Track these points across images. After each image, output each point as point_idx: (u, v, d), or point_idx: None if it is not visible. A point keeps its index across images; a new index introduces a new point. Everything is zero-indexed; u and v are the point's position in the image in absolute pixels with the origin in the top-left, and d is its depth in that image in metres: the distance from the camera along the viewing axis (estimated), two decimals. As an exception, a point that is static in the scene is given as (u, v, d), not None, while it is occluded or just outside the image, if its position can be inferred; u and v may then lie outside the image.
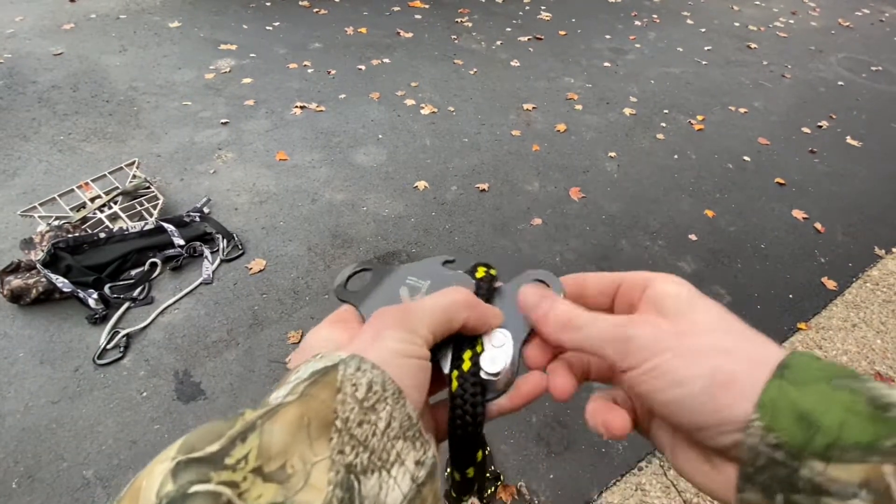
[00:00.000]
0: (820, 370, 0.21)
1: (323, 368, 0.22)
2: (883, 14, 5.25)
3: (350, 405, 0.20)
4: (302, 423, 0.19)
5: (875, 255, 2.35)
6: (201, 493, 0.16)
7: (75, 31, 3.44)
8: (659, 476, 1.48)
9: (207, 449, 0.18)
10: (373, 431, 0.20)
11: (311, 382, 0.21)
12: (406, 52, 3.58)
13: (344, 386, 0.21)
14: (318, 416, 0.19)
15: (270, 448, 0.18)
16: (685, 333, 0.24)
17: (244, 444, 0.18)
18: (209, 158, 2.50)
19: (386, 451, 0.20)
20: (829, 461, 0.18)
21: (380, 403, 0.21)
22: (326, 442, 0.19)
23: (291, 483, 0.17)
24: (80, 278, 1.81)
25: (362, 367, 0.22)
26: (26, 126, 2.58)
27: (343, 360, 0.22)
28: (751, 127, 3.16)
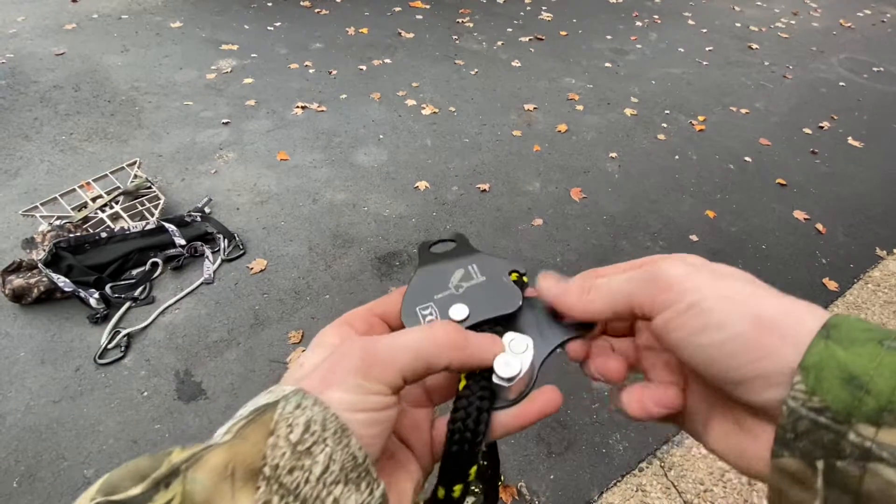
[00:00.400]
0: (868, 331, 0.19)
1: (263, 406, 0.20)
2: (884, 15, 5.24)
3: (281, 449, 0.19)
4: (226, 472, 0.18)
5: (876, 256, 2.35)
6: None
7: (77, 31, 3.45)
8: (659, 477, 1.48)
9: (130, 491, 0.17)
10: (305, 478, 0.18)
11: (248, 422, 0.20)
12: (407, 52, 3.59)
13: (278, 427, 0.19)
14: (244, 462, 0.18)
15: (193, 497, 0.17)
16: (720, 274, 0.22)
17: (167, 491, 0.17)
18: (210, 158, 2.50)
19: (320, 499, 0.18)
20: (880, 426, 0.17)
21: (317, 446, 0.19)
22: (252, 491, 0.17)
23: None
24: (82, 278, 1.81)
25: (303, 405, 0.20)
26: (28, 126, 2.59)
27: (286, 395, 0.20)
28: (752, 127, 3.16)
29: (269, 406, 0.20)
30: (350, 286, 1.95)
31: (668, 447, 1.55)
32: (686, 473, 1.49)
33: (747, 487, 1.46)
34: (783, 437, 0.19)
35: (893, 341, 0.18)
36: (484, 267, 0.30)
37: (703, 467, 1.50)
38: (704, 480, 1.47)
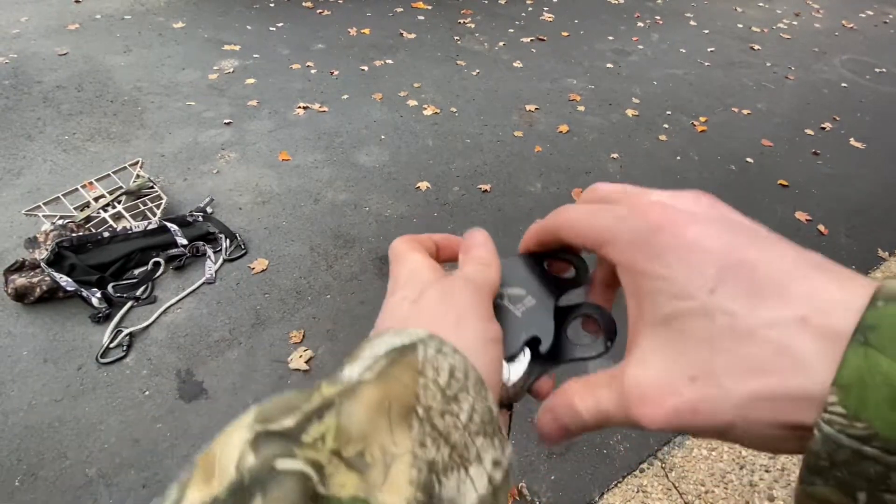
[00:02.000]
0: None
1: (400, 347, 0.19)
2: (887, 16, 5.23)
3: (432, 392, 0.18)
4: (382, 407, 0.17)
5: (878, 258, 2.34)
6: (289, 472, 0.14)
7: (80, 31, 3.46)
8: (660, 478, 1.48)
9: (283, 422, 0.16)
10: (454, 424, 0.18)
11: (390, 361, 0.19)
12: (409, 52, 3.59)
13: (425, 369, 0.19)
14: (399, 400, 0.17)
15: (349, 431, 0.16)
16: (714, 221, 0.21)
17: (321, 423, 0.16)
18: (212, 158, 2.51)
19: (466, 446, 0.18)
20: None
21: (462, 393, 0.19)
22: (407, 431, 0.17)
23: (371, 476, 0.16)
24: (84, 277, 1.82)
25: (443, 350, 0.20)
26: (31, 126, 2.60)
27: (421, 339, 0.20)
28: (754, 128, 3.15)
29: (409, 347, 0.19)
30: (351, 286, 1.95)
31: (669, 448, 1.55)
32: (687, 474, 1.49)
33: (748, 489, 1.46)
34: (816, 464, 0.16)
35: None
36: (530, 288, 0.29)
37: (704, 468, 1.50)
38: (705, 481, 1.47)
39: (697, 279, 0.19)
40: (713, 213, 0.21)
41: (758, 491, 1.45)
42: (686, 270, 0.19)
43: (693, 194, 0.23)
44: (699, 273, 0.19)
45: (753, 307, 0.18)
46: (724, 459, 1.52)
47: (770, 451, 0.19)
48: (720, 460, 1.52)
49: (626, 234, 0.21)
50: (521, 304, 0.28)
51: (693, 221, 0.20)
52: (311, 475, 0.15)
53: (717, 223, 0.20)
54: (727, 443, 0.75)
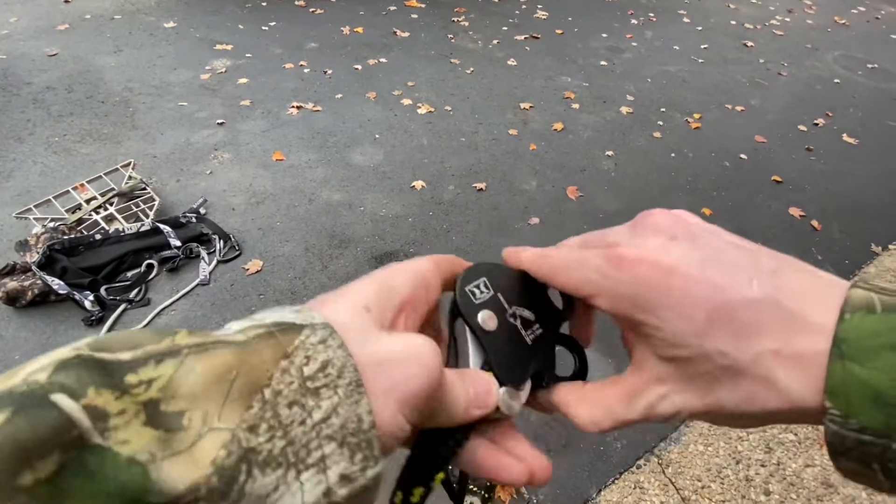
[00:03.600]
0: (877, 335, 0.19)
1: (289, 324, 0.18)
2: (879, 12, 5.27)
3: (290, 377, 0.17)
4: (226, 376, 0.16)
5: (871, 252, 2.36)
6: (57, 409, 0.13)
7: (70, 31, 3.42)
8: (657, 474, 1.49)
9: (118, 355, 0.15)
10: (302, 419, 0.16)
11: (266, 333, 0.18)
12: (403, 51, 3.58)
13: (295, 353, 0.17)
14: (248, 374, 0.16)
15: (180, 386, 0.15)
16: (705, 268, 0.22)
17: (156, 367, 0.15)
18: (205, 159, 2.49)
19: (308, 448, 0.16)
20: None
21: (326, 389, 0.17)
22: (242, 409, 0.15)
23: (174, 441, 0.14)
24: (76, 280, 1.80)
25: (328, 342, 0.18)
26: (21, 127, 2.57)
27: (313, 324, 0.18)
28: (747, 125, 3.16)
29: (294, 327, 0.18)
30: (347, 286, 1.95)
31: (666, 444, 1.56)
32: (683, 470, 1.49)
33: (744, 483, 1.46)
34: (835, 450, 0.20)
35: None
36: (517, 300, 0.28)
37: (701, 464, 1.51)
38: (702, 477, 1.48)
39: (689, 328, 0.21)
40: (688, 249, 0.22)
41: (753, 486, 1.46)
42: (678, 322, 0.21)
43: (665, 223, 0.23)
44: (689, 322, 0.21)
45: (739, 346, 0.20)
46: (721, 455, 1.53)
47: None
48: (716, 455, 1.53)
49: (612, 290, 0.23)
50: (531, 330, 0.27)
51: (674, 273, 0.21)
52: (81, 423, 0.13)
53: (696, 265, 0.21)
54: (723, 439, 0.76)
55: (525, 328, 0.27)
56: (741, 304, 0.20)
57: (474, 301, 0.26)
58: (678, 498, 1.43)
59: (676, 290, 0.21)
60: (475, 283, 0.27)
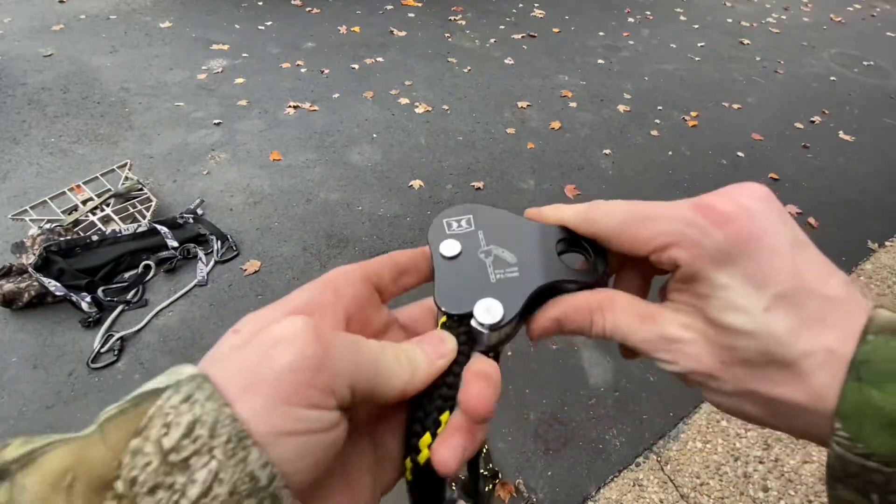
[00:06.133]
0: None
1: (148, 391, 0.16)
2: (874, 9, 5.28)
3: (146, 458, 0.14)
4: (61, 484, 0.13)
5: (868, 249, 2.37)
6: None
7: (65, 31, 3.41)
8: (656, 471, 1.49)
9: None
10: (173, 502, 0.14)
11: (118, 411, 0.15)
12: (400, 50, 3.57)
13: (151, 425, 0.15)
14: (90, 470, 0.14)
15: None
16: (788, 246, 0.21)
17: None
18: (202, 159, 2.48)
19: None
20: None
21: (198, 457, 0.14)
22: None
23: None
24: (73, 282, 1.79)
25: (194, 397, 0.15)
26: (16, 128, 2.55)
27: (179, 381, 0.16)
28: (744, 123, 3.17)
29: (153, 393, 0.15)
30: (345, 286, 1.94)
31: (665, 442, 1.56)
32: (682, 467, 1.50)
33: (743, 480, 1.47)
34: (834, 474, 0.19)
35: None
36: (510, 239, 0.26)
37: (699, 461, 1.51)
38: (700, 474, 1.48)
39: (757, 297, 0.20)
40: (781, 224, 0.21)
41: (752, 482, 1.46)
42: (750, 287, 0.20)
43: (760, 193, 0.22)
44: (761, 292, 0.20)
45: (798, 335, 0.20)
46: (719, 452, 1.53)
47: None
48: (715, 453, 1.53)
49: (697, 240, 0.21)
50: (502, 270, 0.25)
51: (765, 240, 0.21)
52: None
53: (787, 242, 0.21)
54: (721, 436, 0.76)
55: (496, 267, 0.25)
56: (817, 297, 0.20)
57: (446, 231, 0.26)
58: (677, 495, 1.43)
59: (764, 258, 0.20)
60: (457, 217, 0.27)
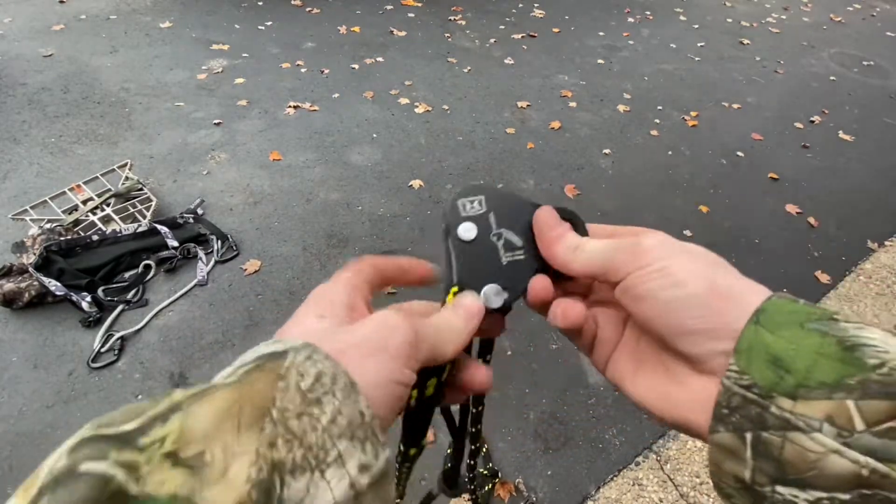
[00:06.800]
0: (793, 313, 0.21)
1: (270, 354, 0.20)
2: (874, 9, 5.28)
3: (291, 395, 0.18)
4: (232, 410, 0.17)
5: (868, 249, 2.37)
6: (89, 473, 0.14)
7: (65, 32, 3.41)
8: (656, 470, 1.49)
9: (123, 427, 0.16)
10: (312, 426, 0.18)
11: (254, 367, 0.19)
12: (400, 50, 3.57)
13: (289, 374, 0.19)
14: (252, 402, 0.18)
15: (192, 432, 0.16)
16: (688, 250, 0.25)
17: (164, 426, 0.16)
18: (202, 159, 2.48)
19: (324, 449, 0.18)
20: (796, 399, 0.19)
21: (326, 396, 0.19)
22: (257, 433, 0.17)
23: (205, 474, 0.15)
24: (73, 281, 1.80)
25: (314, 357, 0.20)
26: (16, 128, 2.56)
27: (294, 347, 0.20)
28: (744, 122, 3.17)
29: (278, 354, 0.20)
30: (345, 286, 1.94)
31: (664, 441, 1.56)
32: (682, 467, 1.50)
33: (743, 480, 1.47)
34: (719, 413, 0.21)
35: (815, 322, 0.21)
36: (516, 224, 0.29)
37: (699, 460, 1.51)
38: (700, 473, 1.48)
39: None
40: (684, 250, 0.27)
41: (752, 482, 1.46)
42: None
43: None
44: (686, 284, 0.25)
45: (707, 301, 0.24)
46: (719, 451, 1.53)
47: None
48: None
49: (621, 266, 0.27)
50: (511, 254, 0.28)
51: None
52: (116, 476, 0.14)
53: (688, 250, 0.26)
54: None
55: (505, 250, 0.28)
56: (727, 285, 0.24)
57: (461, 214, 0.28)
58: (676, 494, 1.43)
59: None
60: (471, 198, 0.29)
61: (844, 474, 0.18)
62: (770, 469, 0.20)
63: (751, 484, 0.20)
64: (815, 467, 0.18)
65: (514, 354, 1.76)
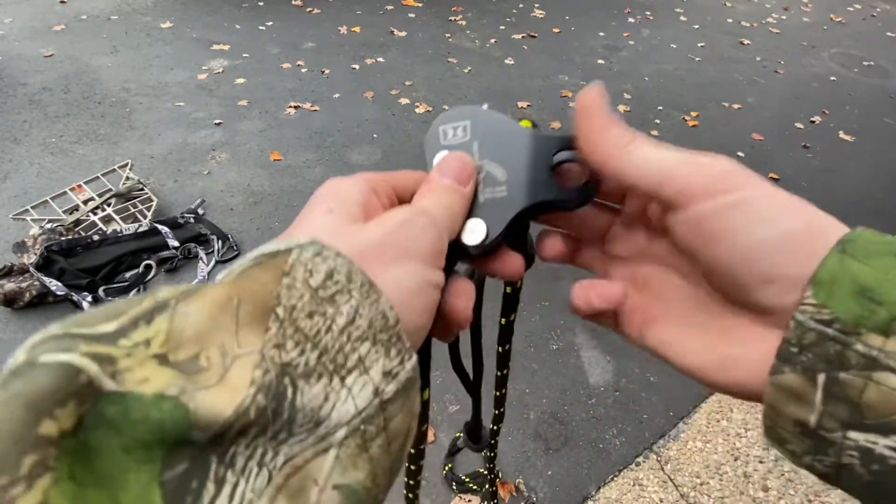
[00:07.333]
0: (885, 244, 0.18)
1: (270, 252, 0.17)
2: (874, 9, 5.28)
3: (299, 291, 0.16)
4: (229, 305, 0.14)
5: (868, 249, 2.37)
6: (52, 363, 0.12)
7: (66, 32, 3.41)
8: (656, 471, 1.49)
9: (99, 328, 0.13)
10: (327, 326, 0.16)
11: (252, 265, 0.16)
12: (400, 50, 3.58)
13: (295, 269, 0.16)
14: (252, 298, 0.15)
15: (183, 332, 0.14)
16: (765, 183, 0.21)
17: (149, 327, 0.13)
18: (203, 159, 2.49)
19: (343, 353, 0.16)
20: (889, 335, 0.16)
21: (341, 295, 0.16)
22: (261, 332, 0.14)
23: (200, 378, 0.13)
24: (74, 281, 1.80)
25: (323, 254, 0.17)
26: (17, 129, 2.56)
27: (300, 244, 0.17)
28: (744, 123, 3.17)
29: (281, 252, 0.17)
30: (345, 286, 1.95)
31: (665, 441, 1.56)
32: (682, 467, 1.50)
33: (743, 479, 1.47)
34: (787, 351, 0.18)
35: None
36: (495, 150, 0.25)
37: (699, 461, 1.51)
38: (700, 474, 1.48)
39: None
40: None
41: (752, 482, 1.46)
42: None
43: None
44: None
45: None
46: (719, 451, 1.53)
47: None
48: (715, 452, 1.53)
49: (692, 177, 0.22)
50: (491, 188, 0.24)
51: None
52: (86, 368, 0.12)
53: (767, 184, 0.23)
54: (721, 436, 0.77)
55: (485, 185, 0.24)
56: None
57: (440, 141, 0.26)
58: (677, 494, 1.44)
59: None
60: (454, 124, 0.26)
61: None
62: (844, 414, 0.17)
63: (816, 429, 0.18)
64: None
65: (514, 354, 1.76)
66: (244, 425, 0.13)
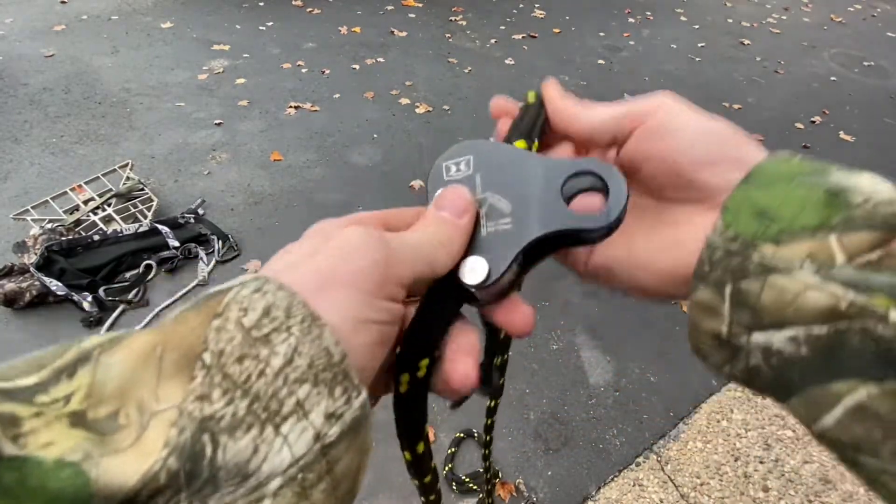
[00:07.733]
0: (786, 171, 0.21)
1: (214, 292, 0.16)
2: (875, 9, 5.28)
3: (229, 333, 0.15)
4: (152, 356, 0.14)
5: (868, 249, 2.37)
6: None
7: (66, 32, 3.41)
8: (656, 471, 1.49)
9: (20, 381, 0.13)
10: (260, 370, 0.14)
11: (191, 307, 0.16)
12: (400, 50, 3.58)
13: (228, 310, 0.15)
14: (179, 346, 0.14)
15: (104, 387, 0.13)
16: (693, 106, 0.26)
17: (70, 381, 0.13)
18: (203, 159, 2.49)
19: (277, 398, 0.14)
20: (779, 244, 0.19)
21: (277, 333, 0.15)
22: (184, 382, 0.14)
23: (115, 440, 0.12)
24: (75, 281, 1.80)
25: (264, 289, 0.16)
26: (17, 129, 2.56)
27: (243, 282, 0.17)
28: (745, 123, 3.15)
29: (220, 291, 0.16)
30: (346, 286, 1.95)
31: (665, 442, 1.56)
32: (682, 467, 1.50)
33: (743, 480, 1.47)
34: (700, 270, 0.21)
35: (806, 177, 0.20)
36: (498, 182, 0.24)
37: (699, 461, 1.51)
38: (700, 474, 1.48)
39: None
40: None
41: (752, 482, 1.46)
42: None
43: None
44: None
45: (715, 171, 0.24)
46: (719, 452, 1.53)
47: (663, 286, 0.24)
48: (715, 452, 1.53)
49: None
50: (494, 222, 0.23)
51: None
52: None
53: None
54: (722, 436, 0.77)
55: (489, 218, 0.23)
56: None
57: (444, 177, 0.25)
58: (677, 495, 1.44)
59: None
60: (457, 159, 0.26)
61: (821, 308, 0.17)
62: (746, 318, 0.19)
63: (727, 338, 0.20)
64: (791, 305, 0.18)
65: (513, 354, 1.76)
66: (153, 491, 0.12)
